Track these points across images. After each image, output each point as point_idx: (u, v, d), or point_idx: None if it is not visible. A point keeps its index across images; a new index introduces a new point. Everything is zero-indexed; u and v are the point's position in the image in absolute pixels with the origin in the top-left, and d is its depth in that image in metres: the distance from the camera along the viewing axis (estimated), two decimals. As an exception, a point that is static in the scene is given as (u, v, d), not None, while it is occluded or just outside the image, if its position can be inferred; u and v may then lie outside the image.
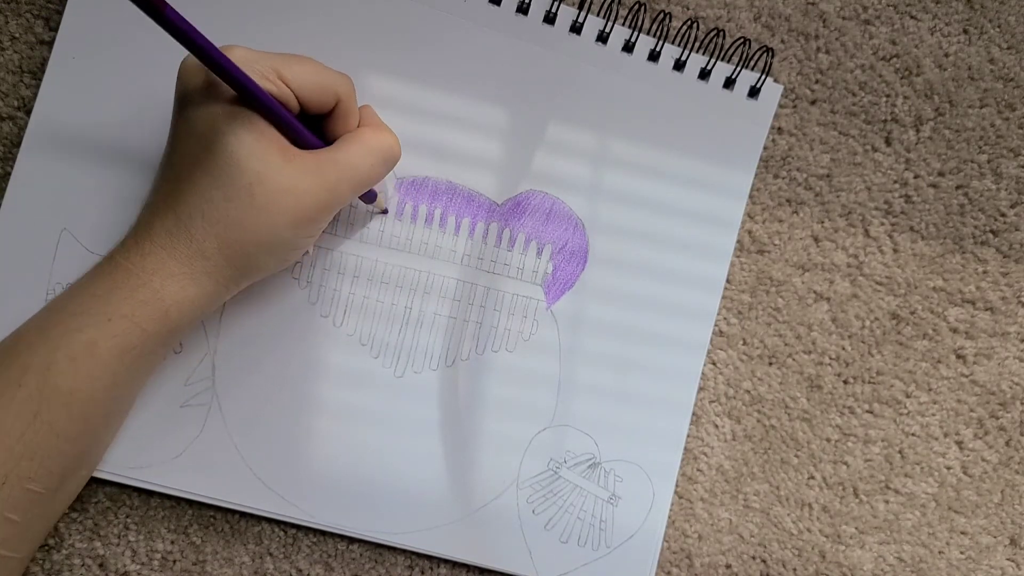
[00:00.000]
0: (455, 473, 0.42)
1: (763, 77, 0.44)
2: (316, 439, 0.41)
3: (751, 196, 0.45)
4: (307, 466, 0.41)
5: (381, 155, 0.36)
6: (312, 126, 0.35)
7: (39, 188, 0.40)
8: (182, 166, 0.33)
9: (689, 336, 0.44)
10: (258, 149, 0.32)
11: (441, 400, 0.42)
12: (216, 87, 0.33)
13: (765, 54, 0.44)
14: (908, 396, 0.46)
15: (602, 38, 0.43)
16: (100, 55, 0.40)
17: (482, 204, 0.43)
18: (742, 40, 0.44)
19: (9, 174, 0.39)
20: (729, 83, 0.44)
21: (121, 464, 0.39)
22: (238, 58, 0.32)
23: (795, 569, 0.45)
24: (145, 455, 0.39)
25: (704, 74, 0.44)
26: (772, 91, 0.45)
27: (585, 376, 0.43)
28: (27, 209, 0.39)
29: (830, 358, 0.46)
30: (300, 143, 0.34)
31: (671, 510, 0.44)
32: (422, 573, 0.43)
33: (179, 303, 0.34)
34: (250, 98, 0.32)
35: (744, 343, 0.45)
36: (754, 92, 0.44)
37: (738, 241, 0.45)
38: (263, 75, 0.32)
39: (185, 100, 0.33)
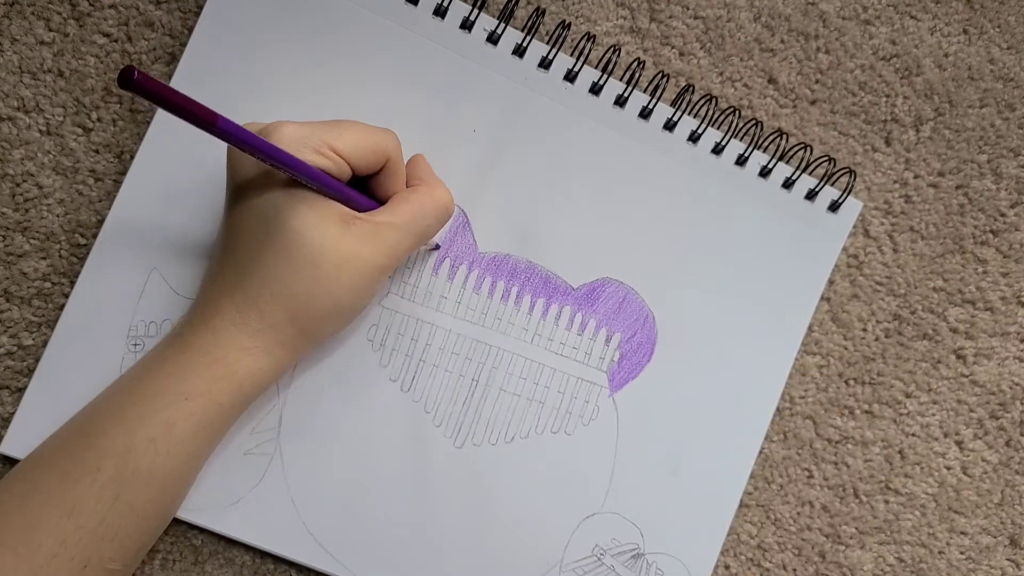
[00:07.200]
0: (502, 551, 0.42)
1: (845, 196, 0.44)
2: (371, 502, 0.41)
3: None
4: (359, 528, 0.41)
5: (436, 214, 0.37)
6: (361, 185, 0.36)
7: (136, 226, 0.40)
8: (247, 247, 0.34)
9: (744, 434, 0.44)
10: (318, 223, 0.33)
11: (496, 475, 0.42)
12: (270, 173, 0.34)
13: (848, 176, 0.45)
14: (908, 396, 0.46)
15: (693, 138, 0.44)
16: (220, 91, 0.40)
17: (558, 287, 0.43)
18: (827, 158, 0.44)
19: (7, 174, 0.39)
20: (812, 195, 0.44)
21: None
22: (288, 136, 0.33)
23: (795, 569, 0.45)
24: (202, 498, 0.39)
25: (788, 184, 0.44)
26: (852, 208, 0.45)
27: (639, 466, 0.43)
28: (121, 245, 0.40)
29: (830, 358, 0.46)
30: (356, 208, 0.35)
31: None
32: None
33: (253, 375, 0.35)
34: (304, 179, 0.33)
35: (744, 343, 0.45)
36: (834, 207, 0.45)
37: (738, 241, 0.45)
38: (316, 150, 0.33)
39: (241, 188, 0.35)
